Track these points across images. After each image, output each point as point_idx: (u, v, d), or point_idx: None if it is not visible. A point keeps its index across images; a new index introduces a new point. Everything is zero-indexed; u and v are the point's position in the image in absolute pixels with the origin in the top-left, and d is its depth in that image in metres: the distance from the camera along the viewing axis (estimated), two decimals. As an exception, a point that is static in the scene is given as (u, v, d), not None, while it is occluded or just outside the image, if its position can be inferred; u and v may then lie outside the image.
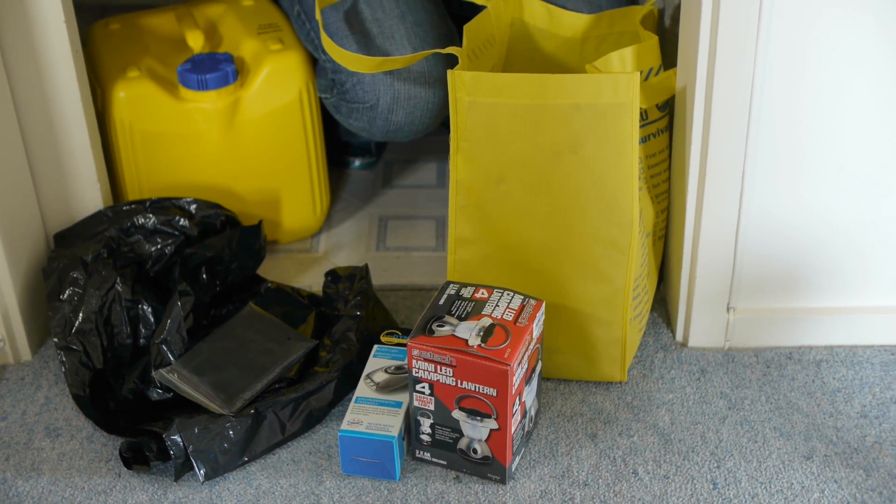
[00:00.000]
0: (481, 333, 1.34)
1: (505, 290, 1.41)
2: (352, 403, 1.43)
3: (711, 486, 1.41)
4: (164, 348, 1.51)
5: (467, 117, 1.43)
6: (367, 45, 1.64)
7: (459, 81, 1.41)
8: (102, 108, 1.71)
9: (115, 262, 1.59)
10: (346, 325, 1.54)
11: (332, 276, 1.63)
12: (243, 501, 1.40)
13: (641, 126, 1.53)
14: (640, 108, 1.51)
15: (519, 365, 1.34)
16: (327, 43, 1.54)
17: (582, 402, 1.53)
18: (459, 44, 1.60)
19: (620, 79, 1.38)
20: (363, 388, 1.45)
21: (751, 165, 1.48)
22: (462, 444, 1.40)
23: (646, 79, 1.52)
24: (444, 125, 1.68)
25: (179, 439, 1.40)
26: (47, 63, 1.57)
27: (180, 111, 1.69)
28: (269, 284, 1.67)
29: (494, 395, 1.34)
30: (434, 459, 1.43)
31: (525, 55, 1.64)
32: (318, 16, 1.57)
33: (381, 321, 1.59)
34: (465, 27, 1.51)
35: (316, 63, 1.76)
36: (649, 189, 1.57)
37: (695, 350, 1.61)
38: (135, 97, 1.69)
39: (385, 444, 1.39)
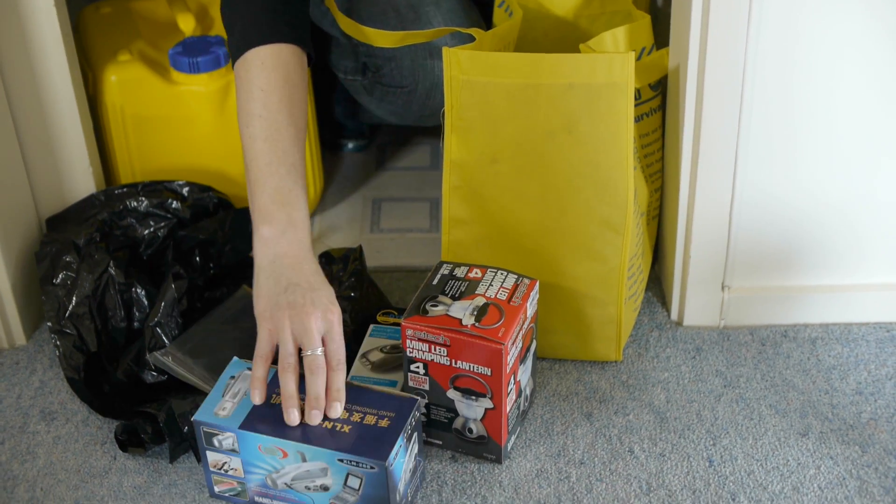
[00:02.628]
0: (475, 313, 1.34)
1: (499, 269, 1.40)
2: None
3: (707, 464, 1.41)
4: (158, 331, 1.51)
5: (462, 96, 1.42)
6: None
7: (454, 60, 1.41)
8: (94, 92, 1.71)
9: (108, 245, 1.59)
10: (340, 306, 1.53)
11: (326, 257, 1.63)
12: (239, 483, 1.40)
13: (635, 106, 1.52)
14: (634, 88, 1.51)
15: (513, 344, 1.34)
16: (345, 22, 1.53)
17: (577, 382, 1.53)
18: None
19: (615, 58, 1.38)
20: (359, 367, 1.45)
21: (744, 144, 1.48)
22: (457, 423, 1.40)
23: (638, 58, 1.52)
24: None
25: (174, 421, 1.40)
26: (38, 48, 1.57)
27: (172, 94, 1.68)
28: (263, 267, 1.67)
29: (489, 374, 1.34)
30: (429, 439, 1.43)
31: (518, 34, 1.64)
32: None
33: (375, 302, 1.59)
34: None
35: (331, 44, 1.74)
36: (643, 168, 1.57)
37: (690, 329, 1.61)
38: (126, 81, 1.68)
39: (380, 424, 1.40)
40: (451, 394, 1.38)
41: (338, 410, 1.30)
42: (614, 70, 1.38)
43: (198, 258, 1.61)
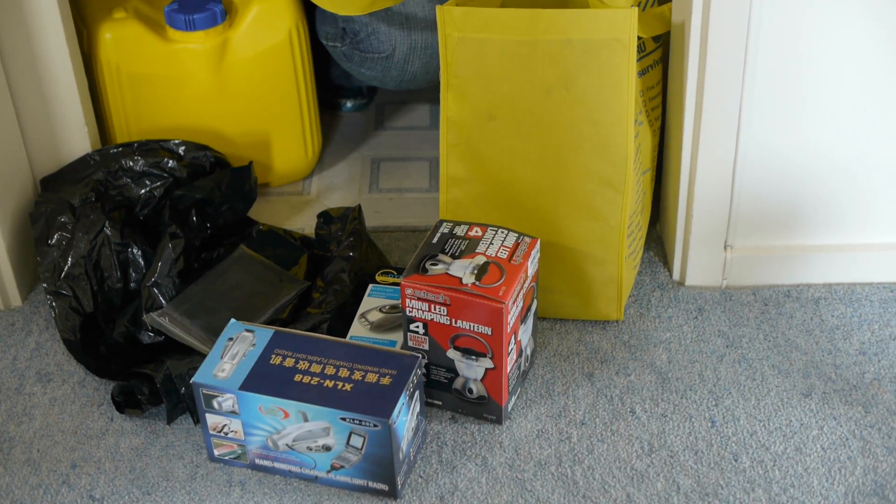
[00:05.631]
0: (475, 271, 1.33)
1: (499, 227, 1.39)
2: (345, 344, 1.42)
3: (710, 425, 1.40)
4: (155, 291, 1.50)
5: (457, 54, 1.41)
6: None
7: (448, 17, 1.39)
8: (89, 49, 1.69)
9: (104, 205, 1.57)
10: (338, 266, 1.52)
11: (325, 217, 1.61)
12: (237, 444, 1.39)
13: (639, 59, 1.50)
14: (639, 40, 1.49)
15: (514, 303, 1.32)
16: None
17: (578, 342, 1.52)
18: None
19: (618, 14, 1.36)
20: (357, 328, 1.44)
21: (748, 101, 1.46)
22: (457, 384, 1.39)
23: (643, 10, 1.50)
24: None
25: (171, 382, 1.39)
26: (32, 5, 1.55)
27: (168, 52, 1.66)
28: (261, 227, 1.66)
29: (489, 333, 1.32)
30: (429, 400, 1.42)
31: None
32: None
33: (374, 262, 1.58)
34: None
35: (314, 8, 1.73)
36: (651, 122, 1.55)
37: (692, 289, 1.60)
38: (121, 38, 1.66)
39: (379, 385, 1.39)
40: (451, 353, 1.36)
41: None
42: (617, 25, 1.36)
43: (195, 218, 1.59)
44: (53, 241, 1.54)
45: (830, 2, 1.39)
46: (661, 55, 1.55)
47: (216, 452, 1.36)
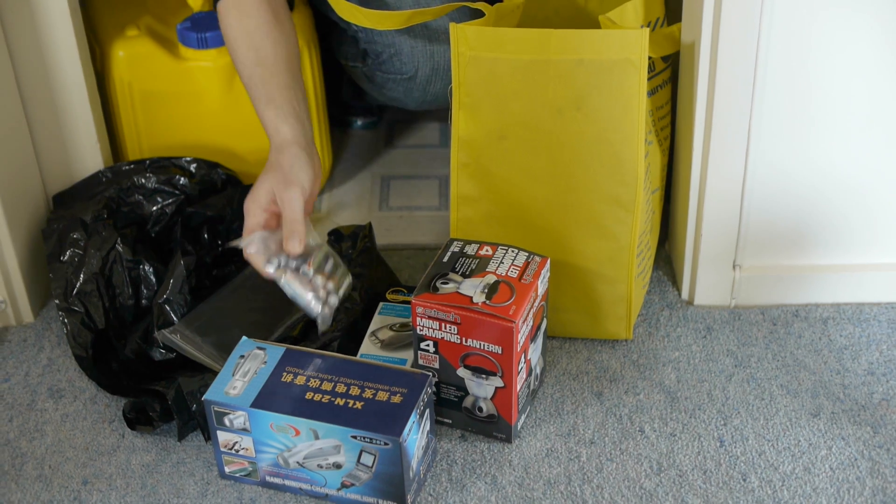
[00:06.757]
0: (486, 290, 1.33)
1: (509, 246, 1.39)
2: (356, 362, 1.43)
3: (718, 444, 1.41)
4: (167, 308, 1.50)
5: (469, 72, 1.41)
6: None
7: (461, 35, 1.40)
8: (102, 67, 1.70)
9: (116, 222, 1.58)
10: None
11: (336, 235, 1.62)
12: (247, 461, 1.40)
13: (649, 78, 1.51)
14: (648, 60, 1.50)
15: (524, 322, 1.33)
16: (343, 8, 1.51)
17: (587, 361, 1.52)
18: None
19: (629, 34, 1.36)
20: (368, 346, 1.45)
21: (757, 121, 1.46)
22: (467, 402, 1.39)
23: (653, 30, 1.50)
24: None
25: (183, 399, 1.39)
26: (45, 22, 1.56)
27: (180, 70, 1.67)
28: (272, 244, 1.66)
29: (499, 352, 1.33)
30: (439, 418, 1.43)
31: (529, 13, 1.62)
32: None
33: (384, 280, 1.58)
34: None
35: (327, 26, 1.74)
36: (660, 142, 1.56)
37: (701, 308, 1.60)
38: (134, 56, 1.67)
39: (390, 403, 1.39)
40: (462, 372, 1.37)
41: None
42: (628, 46, 1.37)
43: (206, 235, 1.60)
44: (66, 258, 1.54)
45: (839, 22, 1.40)
46: (669, 75, 1.56)
47: (227, 470, 1.37)
